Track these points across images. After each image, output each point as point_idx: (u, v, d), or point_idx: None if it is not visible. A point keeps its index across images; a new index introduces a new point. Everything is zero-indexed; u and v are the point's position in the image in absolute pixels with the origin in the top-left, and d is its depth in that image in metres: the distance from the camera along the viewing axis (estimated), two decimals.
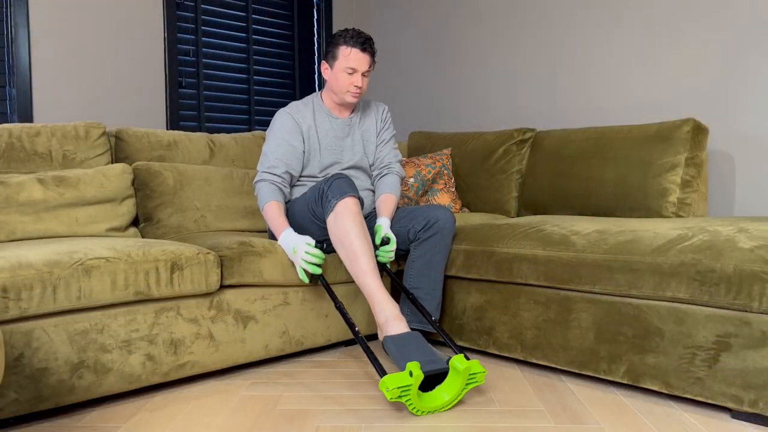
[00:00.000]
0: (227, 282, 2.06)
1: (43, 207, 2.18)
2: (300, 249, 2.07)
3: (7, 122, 2.81)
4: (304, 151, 2.30)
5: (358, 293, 2.42)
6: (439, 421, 1.70)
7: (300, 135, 2.29)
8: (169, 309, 1.93)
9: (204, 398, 1.91)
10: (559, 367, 2.06)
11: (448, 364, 1.82)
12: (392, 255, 2.23)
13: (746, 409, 1.67)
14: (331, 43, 2.29)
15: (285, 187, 2.26)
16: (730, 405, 1.70)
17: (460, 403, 1.85)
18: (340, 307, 2.01)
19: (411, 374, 1.71)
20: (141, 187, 2.47)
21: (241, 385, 2.03)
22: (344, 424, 1.69)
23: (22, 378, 1.65)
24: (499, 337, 2.22)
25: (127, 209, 2.38)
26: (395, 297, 2.59)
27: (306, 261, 2.06)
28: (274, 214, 2.17)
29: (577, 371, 2.02)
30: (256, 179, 2.26)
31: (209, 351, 2.02)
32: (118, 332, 1.82)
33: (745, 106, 2.58)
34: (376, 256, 2.23)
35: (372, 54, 2.27)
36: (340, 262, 2.30)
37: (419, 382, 1.73)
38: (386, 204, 2.34)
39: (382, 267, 2.30)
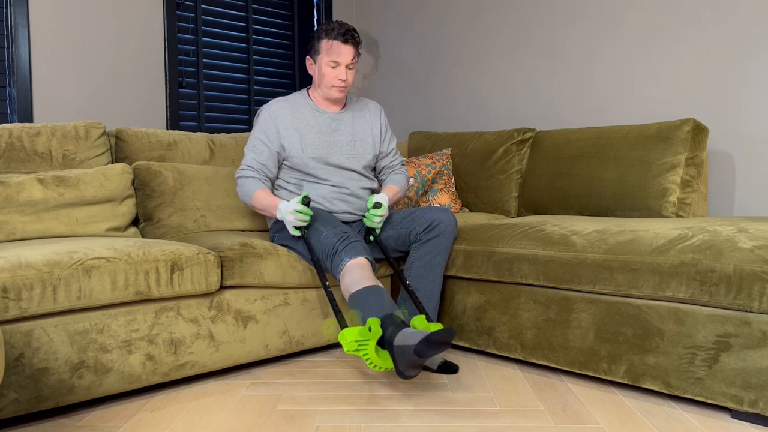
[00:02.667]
0: (227, 283, 2.06)
1: (43, 207, 2.18)
2: (288, 212, 2.09)
3: (7, 122, 2.81)
4: (279, 151, 2.29)
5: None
6: (439, 421, 1.71)
7: (276, 134, 2.28)
8: (169, 309, 1.93)
9: (204, 398, 1.91)
10: (559, 367, 2.06)
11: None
12: (380, 220, 2.22)
13: (746, 409, 1.67)
14: (313, 37, 2.27)
15: (266, 181, 2.28)
16: (730, 405, 1.70)
17: (460, 403, 1.85)
18: (316, 261, 2.06)
19: (370, 330, 1.75)
20: (141, 187, 2.47)
21: (241, 385, 2.03)
22: (344, 424, 1.69)
23: (22, 378, 1.65)
24: (499, 337, 2.22)
25: (127, 209, 2.38)
26: (394, 295, 2.59)
27: (297, 219, 2.09)
28: (264, 199, 2.20)
29: (577, 371, 2.02)
30: (236, 177, 2.29)
31: (209, 351, 2.02)
32: (118, 332, 1.82)
33: (745, 106, 2.58)
34: (363, 218, 2.28)
35: (355, 45, 2.23)
36: None
37: (377, 338, 1.77)
38: (388, 188, 2.37)
39: (369, 232, 2.31)
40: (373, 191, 2.46)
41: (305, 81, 3.90)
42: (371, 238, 2.30)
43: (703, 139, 2.47)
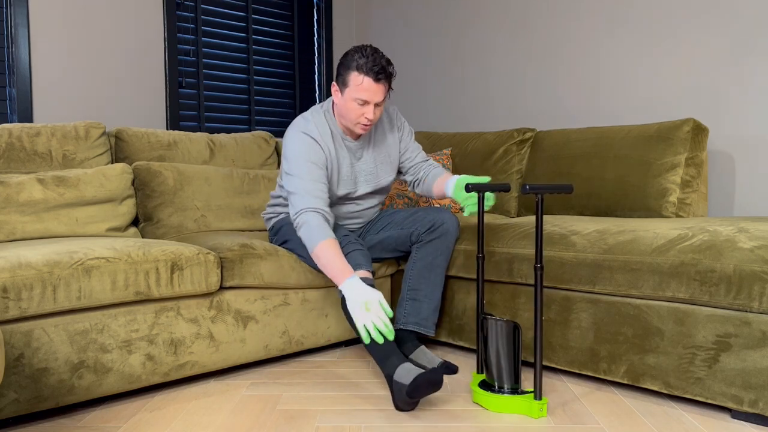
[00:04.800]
0: (227, 284, 2.06)
1: (43, 207, 2.18)
2: (374, 307, 1.78)
3: (7, 122, 2.81)
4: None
5: None
6: (439, 421, 1.71)
7: (325, 166, 2.09)
8: (169, 309, 1.93)
9: (204, 398, 1.91)
10: (559, 367, 2.06)
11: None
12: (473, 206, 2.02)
13: (746, 409, 1.67)
14: (343, 65, 2.04)
15: (331, 219, 2.03)
16: (730, 405, 1.70)
17: (459, 403, 1.85)
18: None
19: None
20: (141, 187, 2.47)
21: (241, 385, 2.03)
22: (344, 424, 1.69)
23: (22, 378, 1.65)
24: None
25: (127, 209, 2.39)
26: (395, 296, 2.59)
27: (377, 324, 1.78)
28: (333, 254, 1.89)
29: (577, 371, 2.02)
30: (297, 221, 1.99)
31: (209, 351, 2.02)
32: (118, 332, 1.82)
33: (745, 106, 2.58)
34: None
35: (388, 81, 2.03)
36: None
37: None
38: (445, 175, 2.20)
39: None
40: (382, 203, 2.42)
41: (305, 81, 3.90)
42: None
43: (703, 139, 2.47)
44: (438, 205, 2.93)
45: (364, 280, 1.94)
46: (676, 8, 2.76)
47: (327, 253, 1.89)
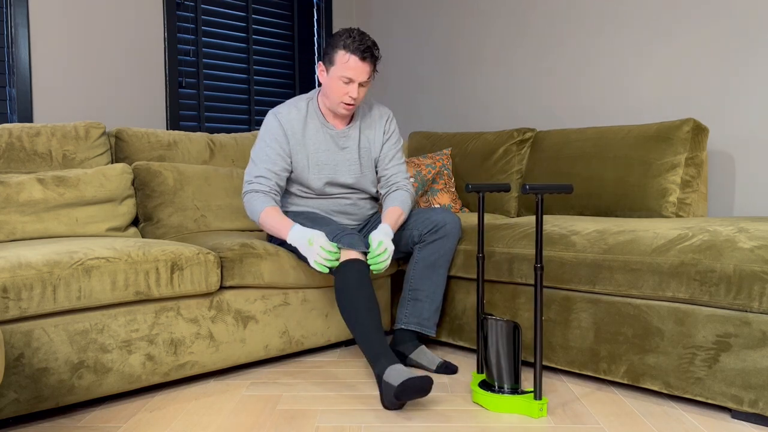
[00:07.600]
0: (227, 283, 2.06)
1: (43, 207, 2.18)
2: (316, 242, 1.95)
3: (7, 122, 2.81)
4: (291, 162, 2.19)
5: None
6: (439, 421, 1.71)
7: (287, 144, 2.16)
8: (169, 309, 1.93)
9: (204, 398, 1.91)
10: (559, 367, 2.06)
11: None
12: (382, 265, 2.02)
13: (746, 409, 1.67)
14: (330, 44, 2.11)
15: (276, 196, 2.15)
16: (730, 405, 1.70)
17: (459, 403, 1.85)
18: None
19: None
20: (141, 186, 2.47)
21: (241, 385, 2.03)
22: (344, 424, 1.69)
23: (22, 378, 1.65)
24: None
25: (127, 209, 2.39)
26: (395, 296, 2.59)
27: (322, 257, 1.94)
28: (274, 218, 2.07)
29: (577, 371, 2.02)
30: (244, 189, 2.15)
31: (209, 351, 2.02)
32: (118, 332, 1.82)
33: (745, 106, 2.58)
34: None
35: (373, 62, 2.09)
36: None
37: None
38: (391, 214, 2.18)
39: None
40: (375, 198, 2.43)
41: (305, 81, 3.90)
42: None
43: (703, 139, 2.47)
44: (438, 205, 2.93)
45: (356, 261, 1.95)
46: (676, 8, 2.76)
47: (269, 216, 2.07)
